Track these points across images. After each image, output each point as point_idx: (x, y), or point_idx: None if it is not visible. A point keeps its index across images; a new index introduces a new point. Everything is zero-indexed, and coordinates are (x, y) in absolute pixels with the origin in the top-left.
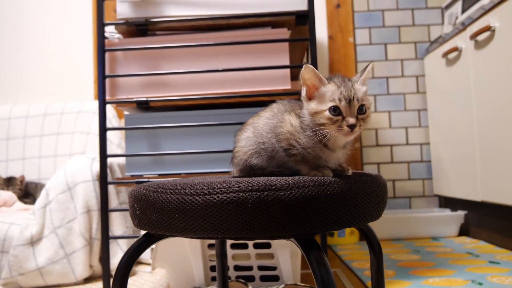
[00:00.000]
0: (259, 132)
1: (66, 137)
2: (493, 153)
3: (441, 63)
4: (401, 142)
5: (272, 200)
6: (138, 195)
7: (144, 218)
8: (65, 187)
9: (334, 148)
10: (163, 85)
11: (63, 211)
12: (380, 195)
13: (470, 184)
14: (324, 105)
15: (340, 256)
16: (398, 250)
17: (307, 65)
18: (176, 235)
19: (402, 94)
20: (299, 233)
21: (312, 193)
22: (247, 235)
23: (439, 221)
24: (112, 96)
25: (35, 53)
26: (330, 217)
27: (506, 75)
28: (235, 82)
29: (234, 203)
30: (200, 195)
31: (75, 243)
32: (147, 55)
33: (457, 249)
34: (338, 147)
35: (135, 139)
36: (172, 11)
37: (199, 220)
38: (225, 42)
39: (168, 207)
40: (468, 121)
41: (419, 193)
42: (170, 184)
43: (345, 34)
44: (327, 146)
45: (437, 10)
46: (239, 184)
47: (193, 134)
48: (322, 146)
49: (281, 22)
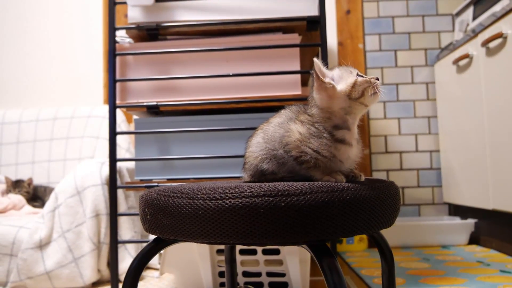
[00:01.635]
0: (269, 138)
1: (76, 141)
2: (504, 161)
3: (452, 70)
4: (410, 149)
5: (285, 206)
6: (149, 199)
7: (154, 223)
8: (74, 191)
9: (351, 139)
10: (174, 90)
11: (72, 215)
12: (393, 202)
13: (481, 192)
14: (351, 77)
15: (349, 264)
16: (408, 258)
17: (315, 59)
18: (187, 240)
19: (412, 101)
20: (311, 239)
21: (325, 199)
22: (259, 241)
23: (449, 229)
24: (122, 100)
25: (45, 58)
26: (343, 224)
27: None
28: (246, 87)
29: (247, 208)
30: (212, 200)
31: (83, 247)
32: (157, 59)
33: (468, 257)
34: (355, 138)
35: (145, 143)
36: (183, 16)
37: (211, 225)
38: (235, 47)
39: (179, 211)
40: (479, 129)
41: (428, 200)
42: (181, 188)
43: (355, 40)
44: (343, 141)
45: (448, 17)
46: (251, 189)
47: (203, 139)
48: (337, 143)
49: (292, 27)
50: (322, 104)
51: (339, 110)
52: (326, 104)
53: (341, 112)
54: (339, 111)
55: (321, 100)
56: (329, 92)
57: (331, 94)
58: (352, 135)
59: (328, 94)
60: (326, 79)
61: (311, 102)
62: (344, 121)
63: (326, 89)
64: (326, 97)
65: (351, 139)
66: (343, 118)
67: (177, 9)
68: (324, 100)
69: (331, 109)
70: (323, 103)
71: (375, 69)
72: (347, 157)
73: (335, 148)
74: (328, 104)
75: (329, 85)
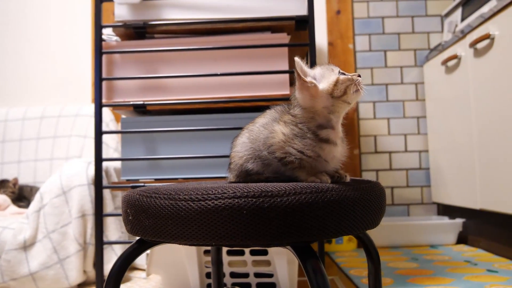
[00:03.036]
0: (254, 138)
1: (63, 140)
2: (492, 161)
3: (441, 71)
4: (400, 149)
5: (268, 207)
6: (131, 200)
7: (137, 224)
8: (60, 191)
9: (336, 138)
10: (161, 89)
11: (57, 216)
12: (378, 202)
13: (469, 192)
14: (333, 75)
15: (338, 264)
16: (396, 258)
17: (296, 58)
18: (169, 241)
19: (401, 101)
20: (295, 241)
21: (309, 200)
22: (242, 243)
23: (437, 229)
24: (109, 99)
25: (33, 56)
26: (327, 225)
27: (505, 83)
28: (234, 87)
29: (229, 210)
30: (194, 201)
31: (69, 248)
32: (145, 58)
33: (456, 257)
34: (339, 137)
35: (132, 143)
36: (171, 14)
37: (193, 227)
38: (224, 46)
39: (161, 213)
40: (467, 129)
41: (417, 200)
42: (164, 189)
43: (345, 40)
44: (327, 141)
45: (437, 18)
46: (234, 190)
47: (190, 139)
48: (321, 142)
49: (280, 27)
50: (304, 103)
51: (322, 109)
52: (308, 104)
53: (324, 111)
54: (322, 110)
55: (304, 100)
56: (311, 91)
57: (314, 93)
58: (336, 134)
59: (311, 93)
60: (308, 78)
61: (294, 102)
62: (327, 120)
63: (308, 88)
64: (308, 97)
65: (335, 138)
66: (327, 117)
67: (165, 7)
68: (306, 100)
69: (314, 109)
70: (306, 103)
71: (365, 69)
72: (332, 157)
73: (320, 148)
74: (310, 103)
75: (311, 84)
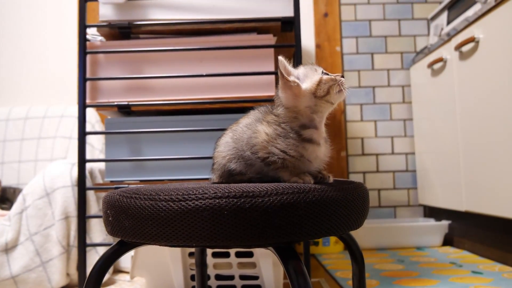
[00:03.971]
0: (237, 138)
1: (48, 141)
2: (476, 163)
3: (427, 74)
4: (386, 151)
5: (250, 207)
6: (111, 201)
7: (117, 225)
8: (43, 193)
9: (319, 138)
10: (146, 90)
11: (40, 218)
12: (361, 203)
13: (454, 194)
14: (316, 75)
15: (325, 266)
16: (383, 260)
17: (279, 57)
18: (149, 243)
19: (388, 104)
20: (277, 242)
21: (291, 201)
22: (223, 244)
23: (423, 230)
24: (93, 99)
25: (17, 55)
26: (309, 225)
27: (489, 85)
28: (220, 88)
29: (210, 210)
30: (174, 201)
31: (52, 251)
32: (130, 58)
33: (441, 259)
34: (323, 137)
35: (116, 144)
36: (157, 15)
37: (173, 228)
38: (210, 47)
39: (141, 213)
40: (452, 131)
41: (404, 202)
42: (144, 189)
43: (332, 43)
44: (310, 141)
45: (423, 21)
46: (215, 190)
47: (176, 140)
48: (304, 142)
49: (267, 28)
50: (287, 103)
51: (305, 109)
52: (291, 103)
53: (307, 110)
54: (305, 109)
55: (287, 99)
56: (294, 91)
57: (296, 93)
58: (319, 134)
59: (293, 92)
60: (291, 78)
61: (277, 102)
62: (310, 120)
63: (291, 88)
64: (291, 96)
65: (318, 138)
66: (310, 117)
67: (150, 7)
68: (289, 99)
69: (297, 108)
70: (289, 102)
71: (352, 72)
72: (315, 157)
73: (303, 148)
74: (293, 103)
75: (294, 83)
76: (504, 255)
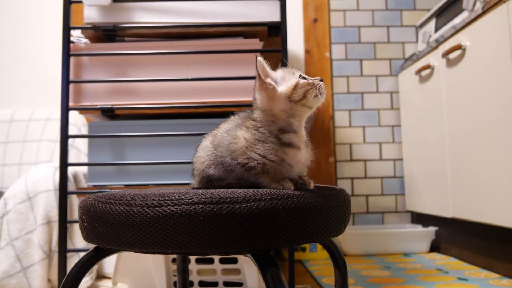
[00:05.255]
0: (217, 143)
1: (33, 145)
2: (463, 170)
3: (415, 80)
4: (374, 157)
5: (226, 214)
6: (87, 206)
7: (92, 231)
8: (25, 197)
9: (299, 142)
10: (130, 93)
11: (21, 222)
12: (342, 209)
13: (441, 200)
14: (293, 79)
15: (311, 272)
16: (370, 266)
17: (258, 58)
18: (124, 249)
19: (377, 110)
20: (255, 249)
21: (269, 207)
22: (199, 251)
23: (410, 237)
24: (76, 102)
25: (2, 57)
26: (288, 232)
27: (476, 92)
28: (205, 92)
29: (186, 216)
30: (150, 207)
31: (33, 256)
32: (114, 61)
33: (428, 265)
34: (303, 141)
35: (99, 148)
36: (142, 18)
37: (148, 234)
38: (195, 51)
39: (116, 219)
40: (440, 138)
41: (392, 208)
42: (120, 195)
43: (321, 48)
44: (290, 145)
45: (412, 28)
46: (192, 196)
47: (160, 144)
48: (284, 147)
49: (253, 32)
50: (262, 105)
51: (280, 113)
52: (266, 106)
53: (283, 114)
54: (281, 113)
55: (262, 101)
56: (269, 93)
57: (271, 95)
58: (299, 138)
59: (268, 95)
60: (267, 80)
61: (254, 105)
62: (288, 124)
63: (266, 90)
64: (266, 98)
65: (298, 142)
66: (287, 121)
67: (136, 10)
68: (264, 101)
69: (272, 112)
70: (264, 105)
71: (341, 78)
72: (296, 161)
73: (283, 152)
74: (268, 105)
75: (269, 86)
76: (490, 262)
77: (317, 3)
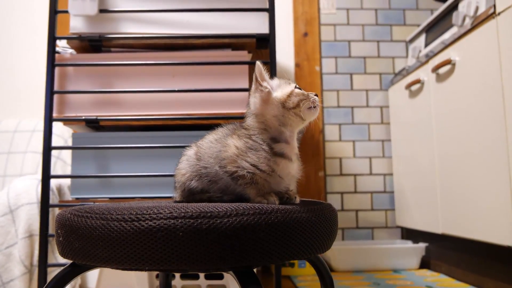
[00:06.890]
0: (202, 154)
1: (18, 156)
2: (452, 185)
3: (405, 95)
4: (364, 172)
5: (207, 229)
6: (62, 219)
7: (67, 246)
8: (6, 209)
9: (291, 153)
10: (116, 104)
11: (2, 235)
12: (328, 225)
13: (431, 216)
14: (288, 87)
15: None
16: (358, 283)
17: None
18: (100, 265)
19: (367, 124)
20: (236, 266)
21: (252, 222)
22: (178, 267)
23: (400, 253)
24: (60, 113)
25: None
26: (271, 249)
27: (465, 107)
28: (192, 104)
29: (164, 231)
30: (127, 221)
31: (13, 271)
32: (100, 72)
33: (418, 282)
34: (295, 152)
35: (83, 159)
36: (129, 28)
37: (124, 250)
38: (182, 62)
39: (92, 234)
40: (429, 153)
41: (381, 224)
42: (97, 208)
43: (311, 62)
44: (282, 155)
45: (402, 43)
46: (171, 210)
47: (146, 156)
48: (276, 157)
49: (241, 44)
50: (256, 108)
51: (272, 118)
52: (259, 109)
53: (275, 121)
54: (272, 119)
55: (255, 104)
56: (263, 96)
57: (266, 99)
58: (291, 149)
59: (262, 97)
60: (263, 83)
61: (247, 112)
62: (280, 133)
63: (261, 92)
64: (259, 101)
65: (291, 153)
66: (279, 130)
67: (122, 20)
68: (258, 104)
69: (264, 117)
70: (257, 108)
71: (331, 92)
72: (287, 173)
73: (274, 162)
74: (261, 109)
75: (265, 89)
76: (480, 279)
77: (307, 17)
